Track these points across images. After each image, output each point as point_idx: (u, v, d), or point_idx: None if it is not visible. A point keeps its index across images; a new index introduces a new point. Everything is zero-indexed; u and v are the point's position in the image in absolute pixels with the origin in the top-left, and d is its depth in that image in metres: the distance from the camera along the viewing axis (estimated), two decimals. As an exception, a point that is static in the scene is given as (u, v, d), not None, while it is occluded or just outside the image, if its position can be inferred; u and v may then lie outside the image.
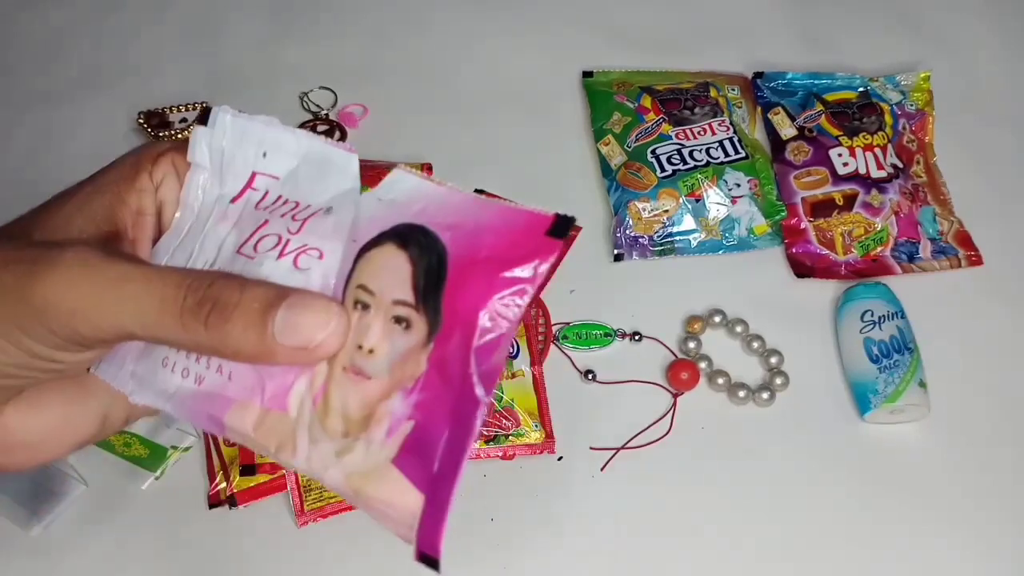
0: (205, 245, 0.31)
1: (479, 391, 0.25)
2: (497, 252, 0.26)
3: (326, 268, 0.28)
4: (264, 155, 0.31)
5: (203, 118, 0.32)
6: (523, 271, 0.26)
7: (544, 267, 0.26)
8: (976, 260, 0.83)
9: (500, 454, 0.71)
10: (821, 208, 0.83)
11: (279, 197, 0.31)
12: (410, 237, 0.27)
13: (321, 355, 0.27)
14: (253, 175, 0.31)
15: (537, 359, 0.75)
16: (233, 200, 0.32)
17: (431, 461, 0.26)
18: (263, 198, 0.31)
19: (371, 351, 0.27)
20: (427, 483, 0.26)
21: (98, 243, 0.31)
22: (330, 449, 0.27)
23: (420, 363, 0.26)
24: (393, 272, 0.27)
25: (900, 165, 0.86)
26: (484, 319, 0.26)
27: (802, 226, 0.83)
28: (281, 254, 0.29)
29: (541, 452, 0.71)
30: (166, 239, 0.33)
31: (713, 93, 0.89)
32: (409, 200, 0.28)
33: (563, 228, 0.27)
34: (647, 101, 0.88)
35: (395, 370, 0.26)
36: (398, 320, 0.27)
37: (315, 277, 0.28)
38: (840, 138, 0.86)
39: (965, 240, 0.84)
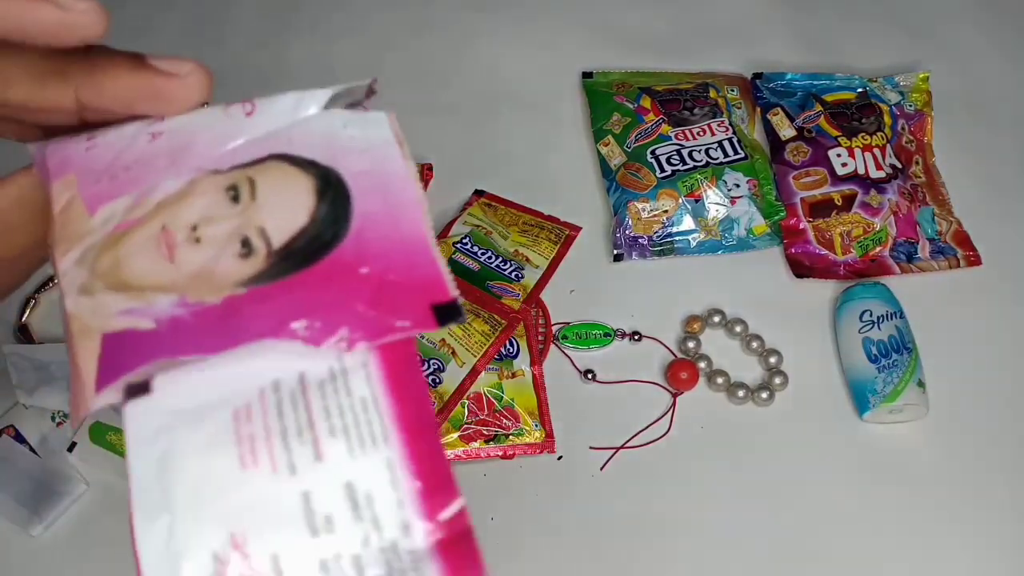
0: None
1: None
2: (377, 283, 0.24)
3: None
4: None
5: None
6: (380, 323, 0.23)
7: (395, 338, 0.24)
8: (975, 260, 0.83)
9: (500, 453, 0.71)
10: (820, 208, 0.83)
11: None
12: (330, 184, 0.24)
13: (177, 93, 0.26)
14: None
15: (537, 359, 0.75)
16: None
17: (128, 366, 0.24)
18: None
19: (197, 240, 0.24)
20: (110, 377, 0.24)
21: None
22: (80, 278, 0.25)
23: (218, 292, 0.24)
24: (287, 202, 0.24)
25: (899, 165, 0.86)
26: (301, 327, 0.23)
27: (801, 226, 0.83)
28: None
29: (541, 452, 0.71)
30: None
31: (712, 94, 0.89)
32: (363, 144, 0.25)
33: (449, 315, 0.24)
34: (646, 102, 0.88)
35: (195, 277, 0.24)
36: (244, 242, 0.24)
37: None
38: (839, 139, 0.86)
39: (964, 240, 0.84)
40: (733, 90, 0.91)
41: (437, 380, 0.71)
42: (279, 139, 0.26)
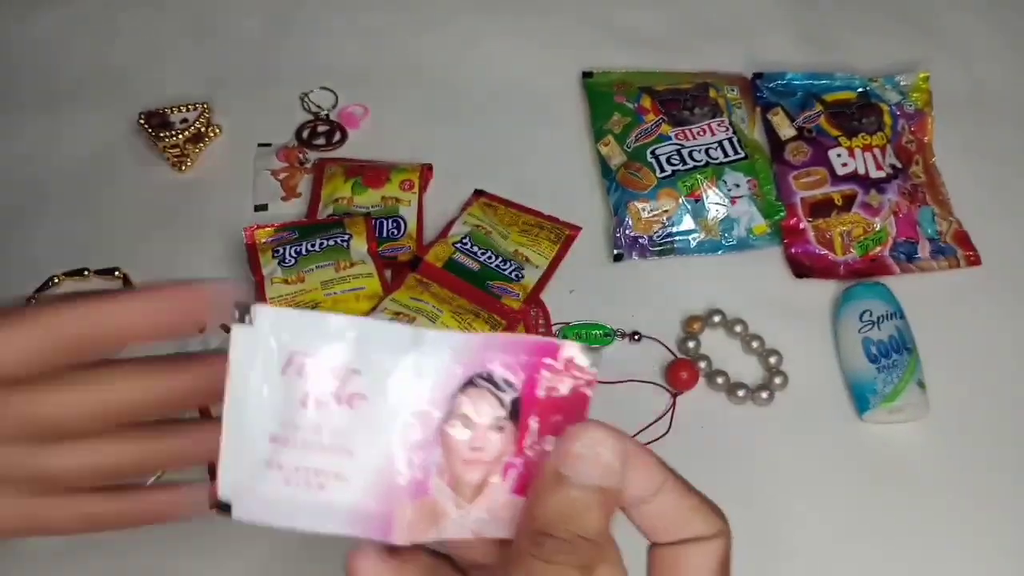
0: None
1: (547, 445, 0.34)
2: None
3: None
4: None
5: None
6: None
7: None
8: (974, 260, 0.83)
9: (500, 454, 0.71)
10: (820, 208, 0.83)
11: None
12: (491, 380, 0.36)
13: None
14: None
15: (537, 359, 0.75)
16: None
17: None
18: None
19: (479, 448, 0.36)
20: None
21: None
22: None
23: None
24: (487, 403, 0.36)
25: (899, 165, 0.86)
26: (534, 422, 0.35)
27: (801, 226, 0.83)
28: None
29: (541, 452, 0.71)
30: None
31: (712, 93, 0.89)
32: (462, 353, 0.36)
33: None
34: (647, 101, 0.88)
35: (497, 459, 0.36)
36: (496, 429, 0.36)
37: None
38: (839, 138, 0.86)
39: (963, 240, 0.84)
40: (733, 90, 0.91)
41: (437, 380, 0.70)
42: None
